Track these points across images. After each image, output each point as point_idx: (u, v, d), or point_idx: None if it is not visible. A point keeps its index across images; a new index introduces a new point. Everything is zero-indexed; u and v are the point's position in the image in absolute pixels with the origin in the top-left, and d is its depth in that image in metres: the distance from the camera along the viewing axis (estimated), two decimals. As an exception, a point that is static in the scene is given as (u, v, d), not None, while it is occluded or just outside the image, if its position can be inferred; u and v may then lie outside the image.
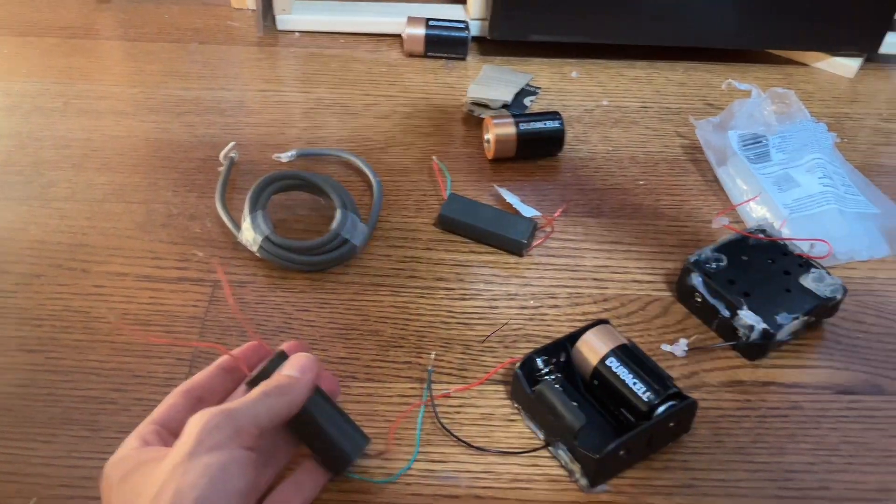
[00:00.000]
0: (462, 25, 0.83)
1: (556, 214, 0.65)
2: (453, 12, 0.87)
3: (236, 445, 0.37)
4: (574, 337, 0.51)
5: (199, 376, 0.44)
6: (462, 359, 0.54)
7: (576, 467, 0.47)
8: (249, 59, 0.83)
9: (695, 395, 0.51)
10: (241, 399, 0.40)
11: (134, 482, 0.37)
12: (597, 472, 0.46)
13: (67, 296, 0.57)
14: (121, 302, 0.56)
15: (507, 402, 0.51)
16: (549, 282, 0.59)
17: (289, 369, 0.42)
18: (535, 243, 0.62)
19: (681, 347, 0.54)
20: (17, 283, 0.57)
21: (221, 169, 0.66)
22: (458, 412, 0.50)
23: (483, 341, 0.55)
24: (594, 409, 0.50)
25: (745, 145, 0.69)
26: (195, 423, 0.37)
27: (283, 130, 0.73)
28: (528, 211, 0.63)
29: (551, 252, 0.62)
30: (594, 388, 0.50)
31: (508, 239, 0.61)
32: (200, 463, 0.36)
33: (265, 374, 0.42)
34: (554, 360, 0.51)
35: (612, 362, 0.49)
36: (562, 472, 0.47)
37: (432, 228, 0.64)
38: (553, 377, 0.50)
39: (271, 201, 0.62)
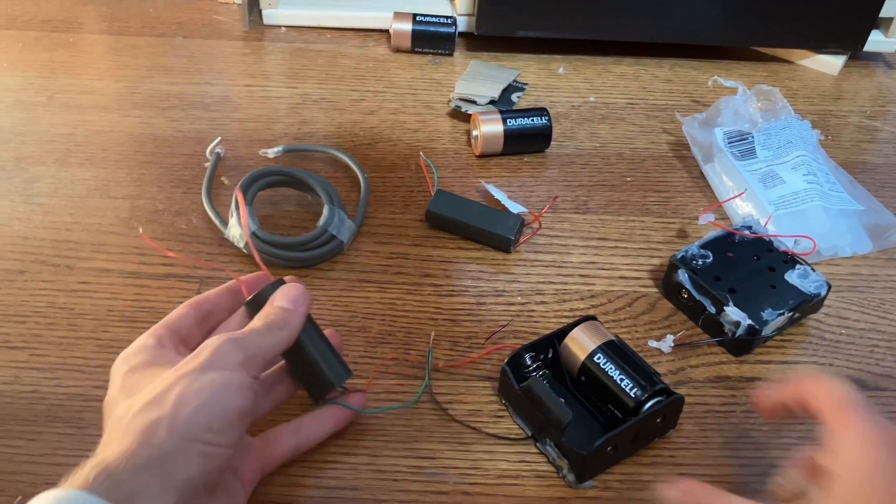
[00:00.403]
0: (449, 21, 0.83)
1: (543, 211, 0.65)
2: (440, 8, 0.87)
3: (242, 371, 0.40)
4: (562, 333, 0.51)
5: (209, 293, 0.47)
6: (450, 356, 0.54)
7: (563, 463, 0.47)
8: (235, 53, 0.83)
9: (681, 390, 0.51)
10: (249, 330, 0.42)
11: (140, 376, 0.40)
12: (584, 468, 0.46)
13: (52, 292, 0.56)
14: (106, 298, 0.56)
15: (495, 398, 0.51)
16: (537, 278, 0.60)
17: (281, 300, 0.44)
18: (522, 240, 0.62)
19: (667, 343, 0.55)
20: (0, 280, 0.57)
21: (207, 164, 0.66)
22: (446, 408, 0.50)
23: (485, 342, 0.55)
24: (581, 405, 0.50)
25: (730, 142, 0.70)
26: (210, 345, 0.40)
27: (270, 126, 0.72)
28: (515, 207, 0.63)
29: (538, 248, 0.62)
30: (581, 384, 0.50)
31: (496, 235, 0.61)
32: (208, 377, 0.39)
33: (262, 298, 0.45)
34: (542, 356, 0.51)
35: (600, 358, 0.49)
36: (549, 468, 0.47)
37: (419, 225, 0.63)
38: (540, 373, 0.50)
39: (258, 197, 0.61)
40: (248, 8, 0.84)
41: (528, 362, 0.50)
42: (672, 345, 0.55)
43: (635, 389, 0.47)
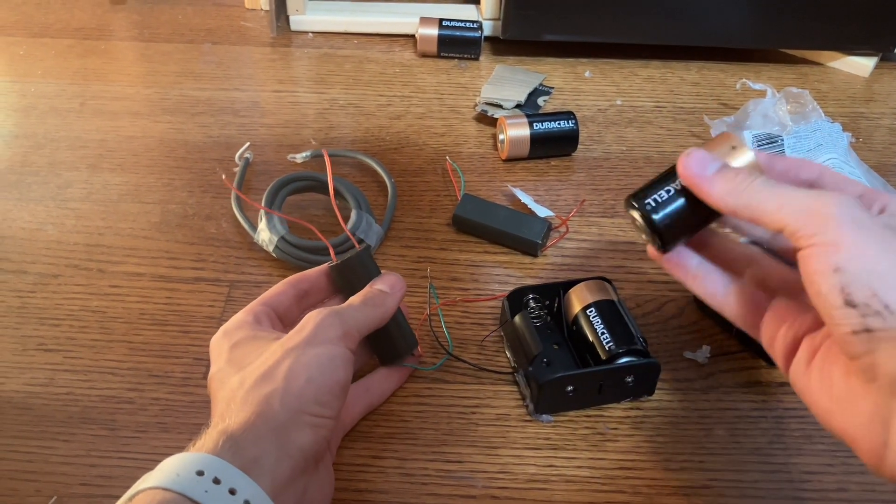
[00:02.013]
0: (475, 25, 0.83)
1: (570, 214, 0.65)
2: (466, 12, 0.87)
3: (343, 345, 0.42)
4: (570, 284, 0.54)
5: (308, 272, 0.49)
6: (477, 358, 0.54)
7: (527, 392, 0.50)
8: (263, 59, 0.83)
9: (712, 395, 0.51)
10: (349, 305, 0.45)
11: (246, 350, 0.43)
12: (540, 399, 0.48)
13: (84, 296, 0.57)
14: (137, 302, 0.56)
15: (522, 402, 0.51)
16: (564, 282, 0.59)
17: (381, 285, 0.47)
18: (549, 243, 0.62)
19: (703, 354, 0.54)
20: (35, 283, 0.58)
21: (237, 169, 0.67)
22: (474, 412, 0.50)
23: (482, 341, 0.55)
24: (570, 353, 0.52)
25: (760, 145, 0.69)
26: (312, 319, 0.43)
27: (298, 131, 0.73)
28: (542, 211, 0.63)
29: (566, 252, 0.62)
30: (573, 334, 0.52)
31: (523, 239, 0.61)
32: (314, 351, 0.41)
33: (349, 264, 0.48)
34: (547, 302, 0.54)
35: (592, 312, 0.51)
36: (578, 472, 0.47)
37: (446, 229, 0.64)
38: (535, 313, 0.53)
39: (286, 202, 0.62)
40: (275, 14, 0.85)
41: (532, 304, 0.53)
42: (707, 356, 0.54)
43: (611, 343, 0.49)
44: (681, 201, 0.40)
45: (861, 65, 0.85)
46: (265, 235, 0.58)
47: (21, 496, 0.45)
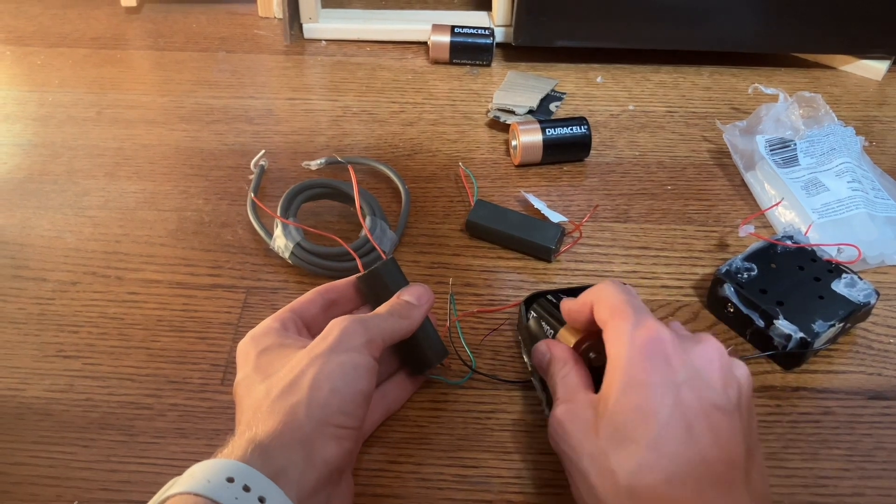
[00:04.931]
0: (487, 32, 0.84)
1: (583, 220, 0.65)
2: (478, 19, 0.88)
3: (366, 353, 0.43)
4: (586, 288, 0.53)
5: (338, 283, 0.50)
6: (492, 364, 0.54)
7: (544, 396, 0.49)
8: (277, 67, 0.84)
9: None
10: (374, 314, 0.46)
11: (272, 357, 0.43)
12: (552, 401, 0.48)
13: (103, 303, 0.58)
14: (155, 309, 0.57)
15: (539, 408, 0.51)
16: (578, 287, 0.60)
17: (408, 296, 0.48)
18: (562, 249, 0.62)
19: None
20: (55, 291, 0.58)
21: (252, 177, 0.67)
22: (490, 417, 0.51)
23: (482, 340, 0.55)
24: None
25: (772, 150, 0.69)
26: (337, 326, 0.43)
27: (312, 138, 0.74)
28: (555, 216, 0.63)
29: (579, 258, 0.62)
30: None
31: (536, 245, 0.61)
32: (338, 359, 0.41)
33: (375, 274, 0.49)
34: None
35: None
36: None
37: (460, 234, 0.64)
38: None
39: (301, 209, 0.62)
40: (288, 22, 0.86)
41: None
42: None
43: None
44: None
45: (874, 68, 0.85)
46: (281, 242, 0.59)
47: (42, 501, 0.46)
